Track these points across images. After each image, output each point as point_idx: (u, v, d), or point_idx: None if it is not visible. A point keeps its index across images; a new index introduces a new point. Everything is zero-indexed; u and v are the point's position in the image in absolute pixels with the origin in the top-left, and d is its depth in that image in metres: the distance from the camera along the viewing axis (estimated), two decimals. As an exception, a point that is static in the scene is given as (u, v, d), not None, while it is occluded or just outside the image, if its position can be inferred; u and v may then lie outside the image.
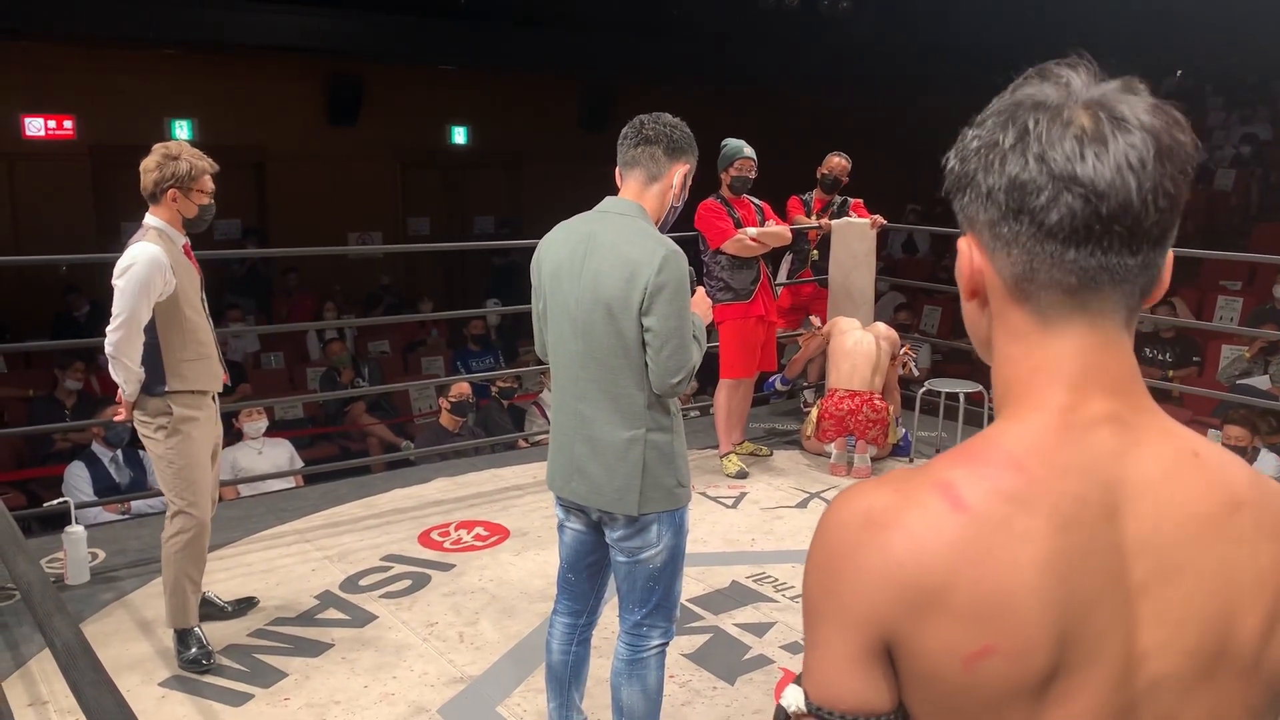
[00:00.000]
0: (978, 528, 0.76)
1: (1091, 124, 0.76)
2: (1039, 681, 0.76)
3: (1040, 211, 0.77)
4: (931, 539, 0.77)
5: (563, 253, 2.42)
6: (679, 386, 2.35)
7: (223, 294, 10.98)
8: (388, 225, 12.51)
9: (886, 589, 0.77)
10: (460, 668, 3.26)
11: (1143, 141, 0.76)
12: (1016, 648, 0.75)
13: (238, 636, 3.47)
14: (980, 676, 0.76)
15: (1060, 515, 0.77)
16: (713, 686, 3.14)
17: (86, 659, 1.47)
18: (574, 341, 2.40)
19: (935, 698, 0.78)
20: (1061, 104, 0.78)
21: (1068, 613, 0.76)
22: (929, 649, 0.76)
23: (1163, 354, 7.82)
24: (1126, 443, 0.80)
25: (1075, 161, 0.76)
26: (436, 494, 4.84)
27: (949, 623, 0.76)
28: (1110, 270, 0.78)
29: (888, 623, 0.77)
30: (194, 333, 3.23)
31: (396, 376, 8.94)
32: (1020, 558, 0.75)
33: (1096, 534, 0.77)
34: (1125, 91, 0.78)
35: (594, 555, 2.57)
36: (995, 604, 0.75)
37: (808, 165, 6.12)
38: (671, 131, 2.45)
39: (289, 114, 11.52)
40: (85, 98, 10.26)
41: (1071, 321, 0.80)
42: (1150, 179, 0.76)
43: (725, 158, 5.05)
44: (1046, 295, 0.79)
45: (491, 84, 12.40)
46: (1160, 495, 0.79)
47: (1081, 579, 0.76)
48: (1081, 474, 0.78)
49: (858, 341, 5.31)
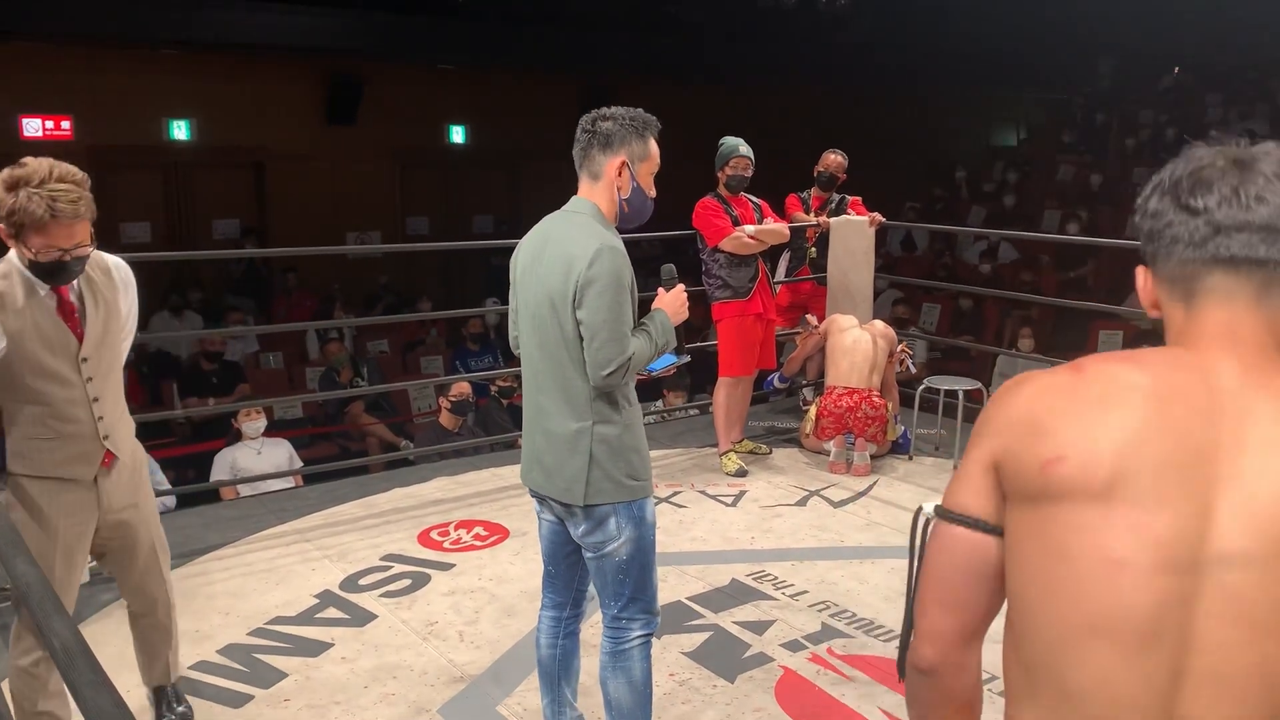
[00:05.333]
0: (1085, 380, 1.03)
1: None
2: (1098, 490, 0.98)
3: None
4: (1047, 387, 1.05)
5: (529, 252, 2.53)
6: (611, 378, 2.38)
7: (222, 294, 11.00)
8: (386, 225, 12.52)
9: (1010, 420, 1.05)
10: (460, 667, 3.26)
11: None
12: (1081, 458, 0.99)
13: (238, 636, 3.47)
14: (1052, 478, 1.00)
15: (1162, 393, 0.99)
16: (712, 684, 3.14)
17: (85, 659, 1.47)
18: (532, 335, 2.49)
19: (1017, 497, 1.04)
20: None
21: (1141, 454, 0.97)
22: (1024, 460, 1.03)
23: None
24: (1249, 384, 0.99)
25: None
26: (436, 493, 4.84)
27: (1041, 441, 1.02)
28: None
29: (1005, 443, 1.05)
30: (44, 406, 2.52)
31: (395, 376, 8.94)
32: (1111, 405, 1.00)
33: (1191, 421, 0.98)
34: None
35: (570, 547, 2.60)
36: (1078, 430, 1.00)
37: (806, 163, 6.12)
38: (606, 125, 2.45)
39: (287, 114, 11.52)
40: (83, 98, 10.26)
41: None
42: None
43: (721, 156, 5.05)
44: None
45: (490, 84, 12.41)
46: (1267, 434, 0.97)
47: (1162, 440, 0.97)
48: (1195, 381, 1.00)
49: (856, 339, 5.31)
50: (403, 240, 12.44)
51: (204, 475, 6.17)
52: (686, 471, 5.14)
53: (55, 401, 2.54)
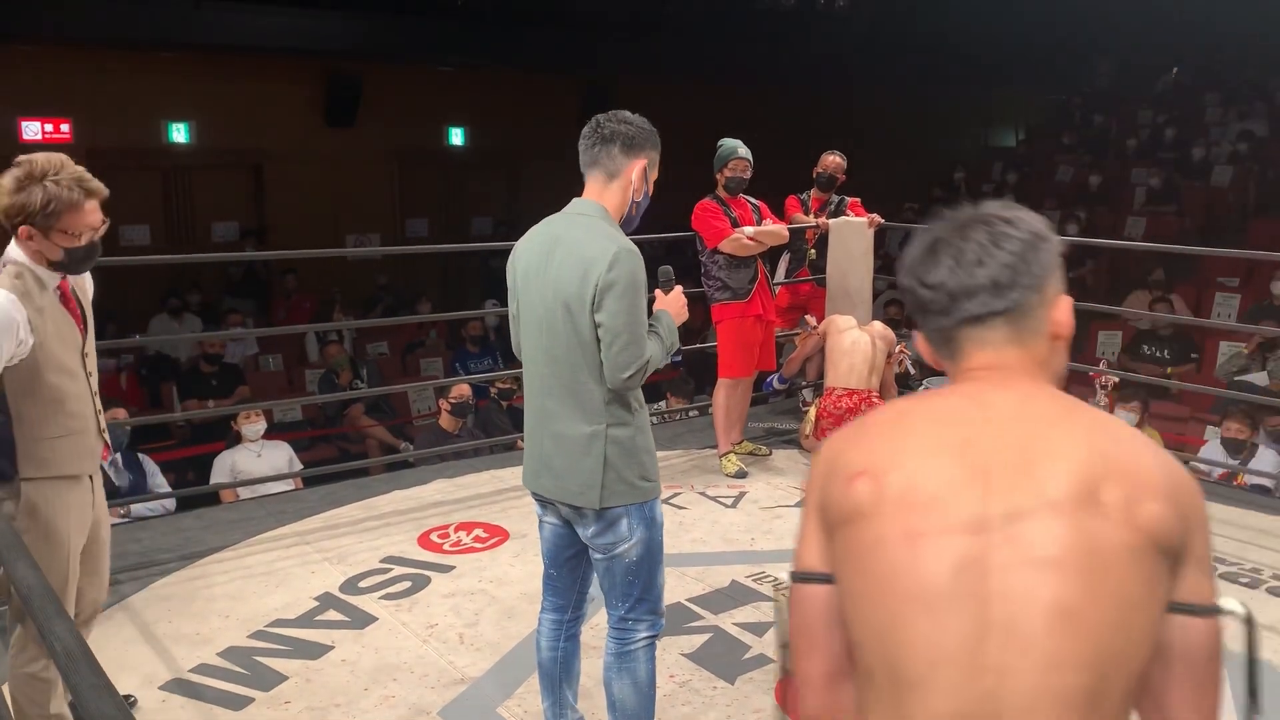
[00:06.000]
0: (872, 418, 1.23)
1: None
2: (896, 489, 1.12)
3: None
4: (841, 436, 1.24)
5: (532, 254, 2.50)
6: (631, 381, 2.39)
7: (221, 296, 11.00)
8: (386, 227, 12.51)
9: (820, 474, 1.22)
10: (460, 669, 3.26)
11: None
12: (877, 468, 1.15)
13: (238, 639, 3.46)
14: (854, 493, 1.15)
15: (941, 411, 1.19)
16: (713, 686, 3.15)
17: (87, 663, 1.47)
18: (539, 339, 2.47)
19: (838, 526, 1.17)
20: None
21: (929, 452, 1.14)
22: (834, 493, 1.18)
23: (1161, 351, 7.83)
24: (1017, 396, 1.17)
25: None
26: (436, 495, 4.84)
27: (843, 471, 1.18)
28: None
29: (820, 494, 1.20)
30: (60, 403, 2.53)
31: (395, 378, 8.93)
32: (897, 427, 1.19)
33: (970, 427, 1.14)
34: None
35: (572, 550, 2.60)
36: (871, 450, 1.18)
37: (805, 164, 6.12)
38: (627, 128, 2.46)
39: (286, 116, 11.52)
40: (82, 101, 10.26)
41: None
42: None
43: (720, 158, 5.05)
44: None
45: (489, 85, 12.40)
46: (1008, 408, 1.15)
47: (946, 438, 1.14)
48: (969, 401, 1.18)
49: (855, 341, 5.31)
50: (402, 242, 12.43)
51: (204, 478, 6.18)
52: (686, 473, 5.14)
53: (68, 397, 2.55)
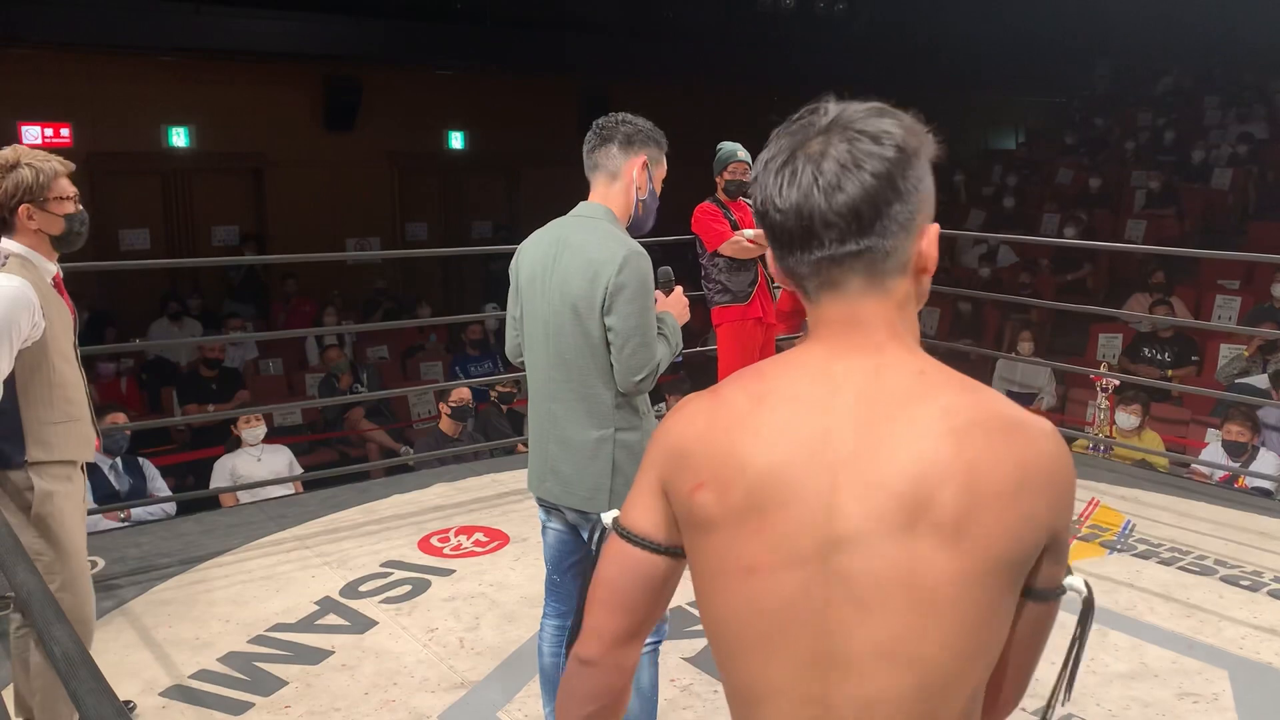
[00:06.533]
0: (719, 403, 1.09)
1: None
2: (734, 508, 1.04)
3: None
4: (692, 415, 1.11)
5: (536, 257, 2.48)
6: (643, 384, 2.38)
7: (221, 301, 11.00)
8: (385, 231, 12.51)
9: (666, 450, 1.13)
10: (461, 673, 3.26)
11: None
12: (718, 482, 1.06)
13: (238, 644, 3.46)
14: (695, 506, 1.08)
15: (787, 396, 1.06)
16: (713, 689, 3.14)
17: (86, 667, 1.47)
18: (545, 343, 2.45)
19: (682, 525, 1.11)
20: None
21: (772, 460, 1.03)
22: (678, 490, 1.10)
23: (1161, 353, 7.82)
24: (866, 368, 1.05)
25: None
26: (436, 499, 4.83)
27: (686, 470, 1.09)
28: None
29: (664, 474, 1.12)
30: (62, 389, 2.60)
31: (395, 382, 8.94)
32: (744, 423, 1.06)
33: (816, 417, 1.03)
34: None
35: (576, 555, 2.59)
36: (714, 455, 1.07)
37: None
38: (625, 126, 2.46)
39: (286, 120, 11.53)
40: (82, 106, 10.27)
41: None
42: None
43: (719, 161, 5.05)
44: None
45: (489, 89, 12.41)
46: (857, 386, 1.03)
47: (790, 441, 1.03)
48: (816, 375, 1.05)
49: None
50: (402, 246, 12.43)
51: (204, 482, 6.17)
52: (687, 476, 5.14)
53: (68, 383, 2.62)
